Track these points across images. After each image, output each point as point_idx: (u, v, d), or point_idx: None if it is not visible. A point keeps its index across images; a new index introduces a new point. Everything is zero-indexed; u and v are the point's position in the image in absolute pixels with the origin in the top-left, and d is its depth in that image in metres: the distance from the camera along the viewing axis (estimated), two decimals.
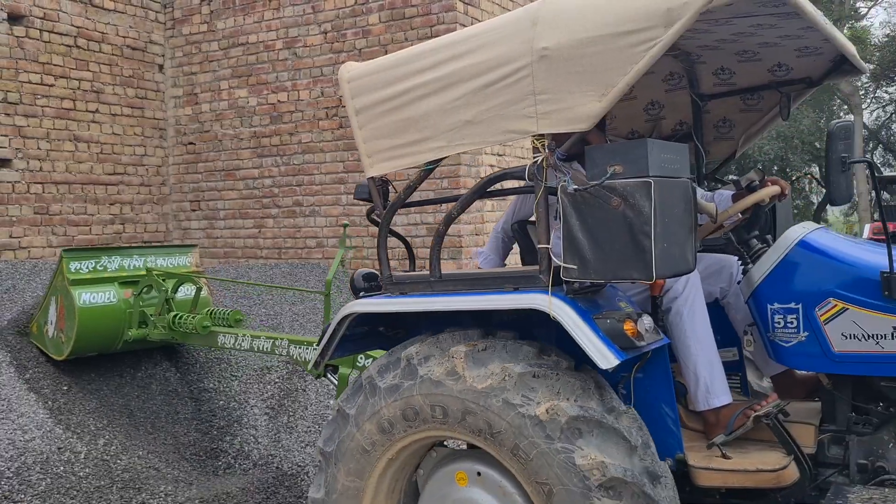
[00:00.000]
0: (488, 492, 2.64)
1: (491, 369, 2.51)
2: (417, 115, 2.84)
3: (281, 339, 4.45)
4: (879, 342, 2.60)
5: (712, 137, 3.79)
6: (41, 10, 7.64)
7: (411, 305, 2.83)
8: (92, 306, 4.95)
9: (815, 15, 2.62)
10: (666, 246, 2.37)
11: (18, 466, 4.06)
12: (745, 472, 2.61)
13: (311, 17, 7.99)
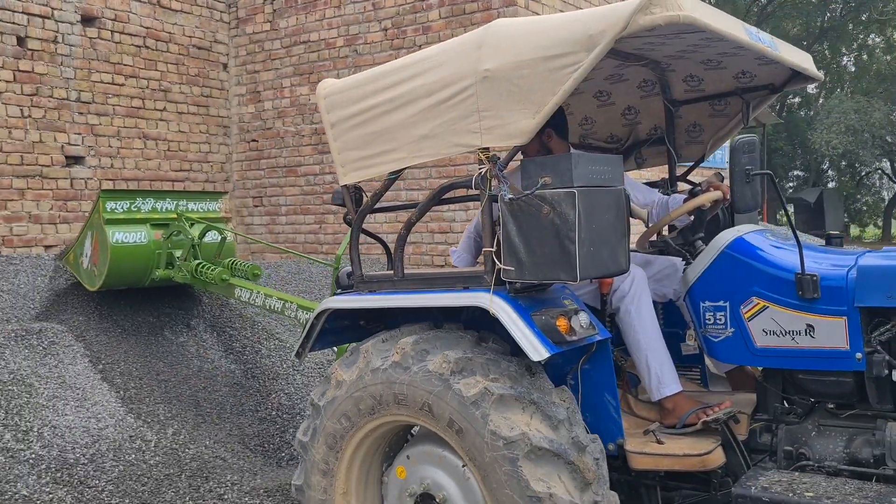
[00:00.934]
0: (426, 464, 2.92)
1: (432, 357, 2.77)
2: (382, 129, 3.11)
3: (291, 302, 4.76)
4: (795, 338, 2.83)
5: (684, 141, 3.99)
6: (112, 11, 7.87)
7: (374, 302, 3.13)
8: (123, 245, 5.31)
9: (738, 38, 2.81)
10: (592, 250, 2.62)
11: (93, 453, 4.20)
12: (673, 456, 2.84)
13: (371, 14, 8.05)
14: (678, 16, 2.47)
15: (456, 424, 2.68)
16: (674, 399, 3.11)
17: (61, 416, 4.36)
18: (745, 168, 2.68)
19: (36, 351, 4.83)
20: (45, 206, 7.27)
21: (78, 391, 4.63)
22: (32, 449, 4.08)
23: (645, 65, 3.56)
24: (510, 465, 2.56)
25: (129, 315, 5.82)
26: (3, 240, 6.97)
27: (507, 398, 2.62)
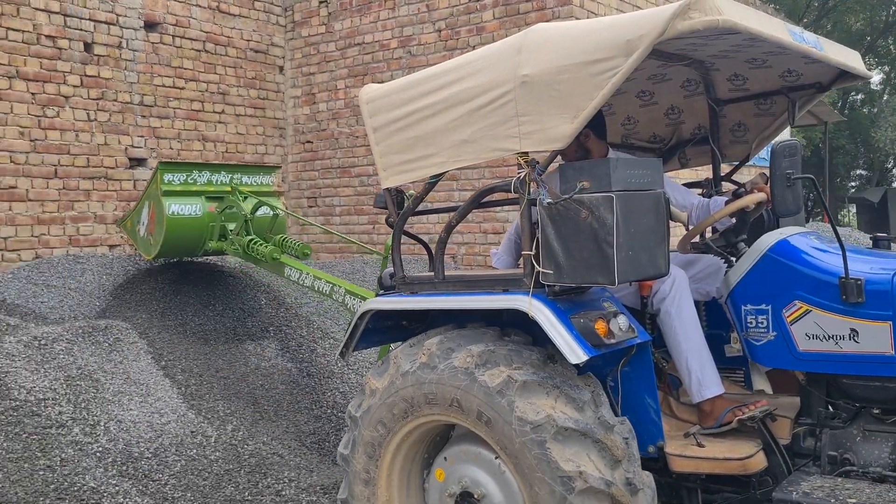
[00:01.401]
0: (463, 463, 2.94)
1: (457, 353, 2.82)
2: (423, 133, 3.14)
3: (339, 286, 4.82)
4: (838, 343, 2.79)
5: (728, 141, 3.95)
6: (174, 17, 8.08)
7: (415, 304, 3.18)
8: (179, 217, 5.50)
9: (780, 39, 2.77)
10: (631, 253, 2.64)
11: (156, 447, 4.31)
12: (714, 459, 2.84)
13: (425, 15, 8.08)
14: (717, 20, 2.45)
15: (484, 416, 2.72)
16: (712, 401, 3.09)
17: (126, 411, 4.49)
18: (787, 172, 2.68)
19: (102, 347, 4.99)
20: (109, 207, 7.50)
21: (142, 387, 4.76)
22: (99, 442, 4.21)
23: (688, 64, 3.53)
24: (539, 448, 2.58)
25: (190, 313, 5.97)
26: (71, 239, 7.21)
27: (531, 384, 2.67)
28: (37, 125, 6.99)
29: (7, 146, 6.77)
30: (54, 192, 7.10)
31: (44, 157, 7.02)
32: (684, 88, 3.87)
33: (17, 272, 6.40)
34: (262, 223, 5.67)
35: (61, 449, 4.07)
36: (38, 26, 6.99)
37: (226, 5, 8.59)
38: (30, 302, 5.98)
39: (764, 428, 2.93)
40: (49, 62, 7.07)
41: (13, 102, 6.82)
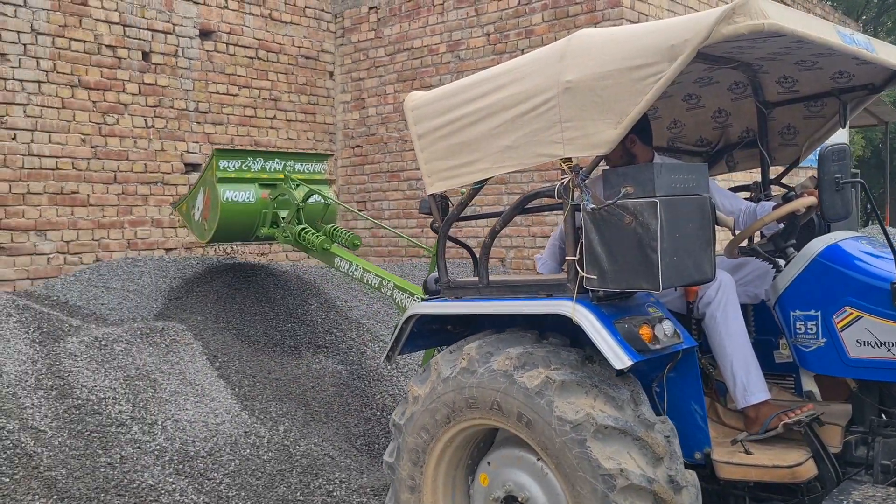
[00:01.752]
0: (506, 467, 2.96)
1: (496, 357, 2.85)
2: (467, 139, 3.16)
3: (388, 280, 4.86)
4: (891, 349, 2.75)
5: (777, 144, 3.87)
6: (228, 25, 8.26)
7: (459, 309, 3.22)
8: (233, 203, 5.64)
9: (829, 42, 2.72)
10: (675, 259, 2.62)
11: (211, 447, 4.41)
12: (762, 467, 2.79)
13: (474, 19, 8.10)
14: (762, 24, 2.41)
15: (524, 417, 2.73)
16: (758, 407, 3.05)
17: (182, 411, 4.60)
18: (835, 176, 2.66)
19: (159, 348, 5.12)
20: (165, 212, 7.70)
21: (197, 387, 4.87)
22: (157, 441, 4.32)
23: (735, 67, 3.48)
24: (579, 447, 2.59)
25: (242, 316, 6.08)
26: (129, 243, 7.42)
27: (569, 384, 2.67)
28: (98, 132, 7.21)
29: (70, 153, 7.00)
30: (114, 197, 7.32)
31: (104, 163, 7.24)
32: (732, 91, 3.83)
33: (79, 275, 6.61)
34: (314, 211, 5.79)
35: (121, 447, 4.19)
36: (99, 36, 7.21)
37: (277, 13, 8.74)
38: (91, 304, 6.17)
39: (812, 434, 2.88)
40: (109, 71, 7.29)
41: (75, 110, 7.05)
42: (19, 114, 6.70)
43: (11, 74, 6.64)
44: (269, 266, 7.17)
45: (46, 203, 6.84)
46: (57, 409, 4.28)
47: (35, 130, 6.79)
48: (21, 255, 6.67)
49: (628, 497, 2.54)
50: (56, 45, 6.91)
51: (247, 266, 6.92)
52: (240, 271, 6.71)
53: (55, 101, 6.92)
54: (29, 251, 6.72)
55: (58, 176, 6.93)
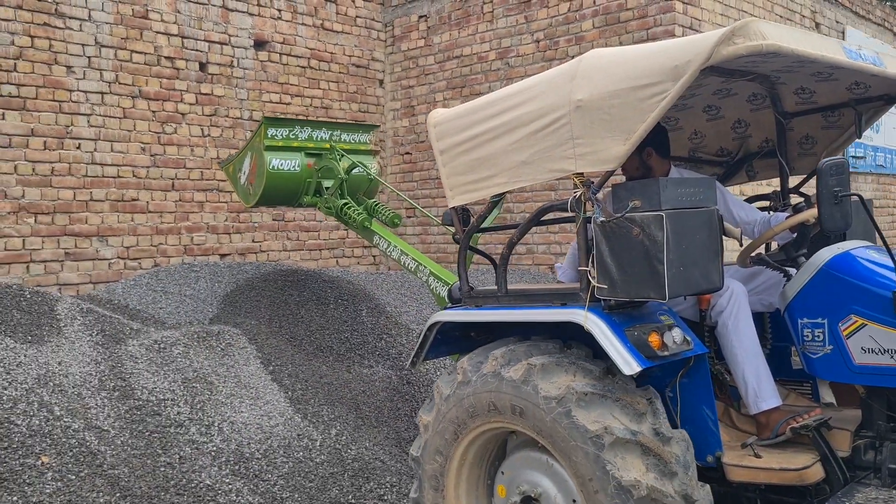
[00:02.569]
0: (518, 469, 3.10)
1: (519, 365, 2.96)
2: (486, 155, 3.31)
3: (425, 266, 4.93)
4: (894, 356, 2.84)
5: (796, 153, 3.95)
6: (281, 35, 8.43)
7: (479, 317, 3.37)
8: (279, 171, 5.78)
9: (833, 59, 2.82)
10: (682, 269, 2.74)
11: (266, 449, 4.50)
12: (770, 469, 2.88)
13: (523, 27, 8.12)
14: (761, 45, 2.53)
15: (545, 426, 2.85)
16: (769, 413, 3.13)
17: (238, 413, 4.71)
18: (834, 189, 2.76)
19: (215, 351, 5.25)
20: (220, 218, 7.89)
21: (252, 390, 4.98)
22: (214, 442, 4.43)
23: (752, 79, 3.54)
24: (596, 454, 2.70)
25: (295, 321, 6.19)
26: (186, 248, 7.62)
27: (587, 394, 2.79)
28: (157, 141, 7.43)
29: (130, 161, 7.23)
30: (171, 204, 7.52)
31: (162, 171, 7.46)
32: (750, 102, 3.89)
33: (139, 279, 6.82)
34: (358, 182, 5.90)
35: (179, 447, 4.31)
36: (159, 48, 7.44)
37: (329, 23, 8.89)
38: (149, 307, 6.36)
39: (820, 438, 2.97)
40: (168, 81, 7.52)
41: (136, 120, 7.29)
42: (83, 124, 6.95)
43: (76, 86, 6.90)
44: (319, 272, 7.29)
45: (108, 210, 7.08)
46: (119, 409, 4.42)
47: (98, 140, 7.04)
48: (84, 260, 6.91)
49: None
50: (118, 57, 7.16)
51: (298, 272, 7.05)
52: (291, 277, 6.84)
53: (117, 111, 7.16)
54: (91, 256, 6.96)
55: (119, 183, 7.16)
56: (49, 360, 4.56)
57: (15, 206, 6.52)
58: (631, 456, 2.68)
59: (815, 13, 9.09)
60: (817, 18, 9.15)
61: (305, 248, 8.63)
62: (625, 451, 2.68)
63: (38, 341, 4.74)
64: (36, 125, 6.67)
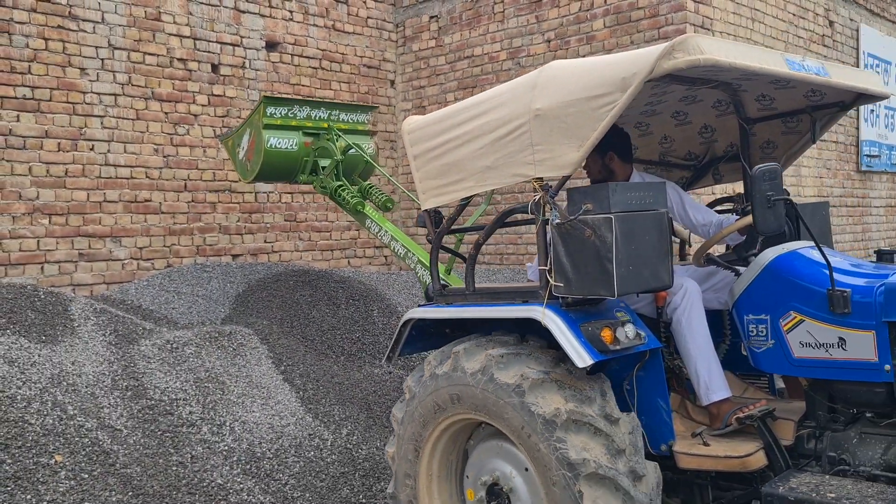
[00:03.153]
0: (480, 463, 3.29)
1: (478, 357, 3.15)
2: (455, 160, 3.49)
3: (413, 253, 5.07)
4: (828, 350, 3.04)
5: (758, 158, 4.10)
6: (292, 36, 8.46)
7: (448, 314, 3.54)
8: (276, 150, 5.89)
9: (774, 71, 3.02)
10: (632, 268, 2.92)
11: (277, 448, 4.52)
12: (716, 457, 3.09)
13: (534, 26, 8.11)
14: (699, 59, 2.71)
15: (503, 413, 3.04)
16: (719, 404, 3.33)
17: (249, 413, 4.73)
18: (767, 194, 2.89)
19: (227, 351, 5.27)
20: (232, 218, 7.92)
21: (263, 390, 5.00)
22: (225, 441, 4.45)
23: (715, 87, 3.67)
24: (548, 433, 2.88)
25: (306, 321, 6.22)
26: (198, 249, 7.66)
27: (539, 380, 2.96)
28: (169, 142, 7.48)
29: (143, 162, 7.28)
30: (184, 205, 7.56)
31: (175, 171, 7.50)
32: (716, 108, 4.04)
33: (151, 280, 6.86)
34: (354, 162, 6.00)
35: (191, 447, 4.33)
36: (171, 50, 7.48)
37: (340, 24, 8.92)
38: (162, 308, 6.39)
39: (764, 428, 3.16)
40: (180, 83, 7.56)
41: (149, 122, 7.33)
42: (97, 125, 7.00)
43: (90, 88, 6.95)
44: (331, 272, 7.31)
45: (121, 211, 7.13)
46: (132, 408, 4.45)
47: (111, 141, 7.09)
48: (98, 260, 6.96)
49: (593, 484, 2.81)
50: (131, 59, 7.20)
51: (310, 272, 7.07)
52: (303, 277, 6.86)
53: (130, 112, 7.21)
54: (105, 257, 7.01)
55: (132, 185, 7.21)
56: (63, 360, 4.60)
57: (29, 208, 6.58)
58: (581, 436, 2.86)
59: (828, 11, 9.02)
60: (831, 17, 9.08)
61: (317, 249, 8.65)
62: (575, 431, 2.86)
63: (52, 341, 4.78)
64: (50, 127, 6.73)
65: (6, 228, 6.44)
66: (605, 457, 2.85)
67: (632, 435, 2.95)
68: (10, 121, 6.49)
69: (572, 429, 2.86)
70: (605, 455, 2.85)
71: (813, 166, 8.79)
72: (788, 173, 8.27)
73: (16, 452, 3.79)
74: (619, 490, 2.81)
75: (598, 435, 2.88)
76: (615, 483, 2.80)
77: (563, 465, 2.82)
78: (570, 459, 2.81)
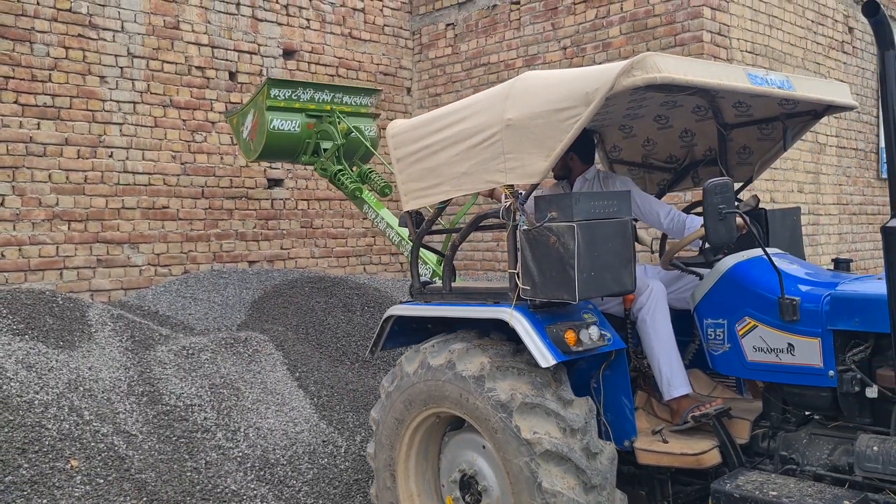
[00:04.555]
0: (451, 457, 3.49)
1: (443, 353, 3.33)
2: (433, 165, 3.61)
3: (407, 244, 5.18)
4: (778, 355, 3.20)
5: (735, 162, 4.25)
6: (309, 44, 8.51)
7: (425, 312, 3.69)
8: (279, 131, 6.00)
9: (733, 86, 3.13)
10: (593, 273, 3.05)
11: (290, 455, 4.52)
12: (673, 454, 3.24)
13: (550, 34, 8.10)
14: (655, 77, 2.83)
15: (466, 402, 3.22)
16: (679, 401, 3.47)
17: (263, 419, 4.74)
18: (718, 207, 3.00)
19: (242, 357, 5.29)
20: (249, 225, 7.96)
21: (278, 396, 5.01)
22: (240, 448, 4.46)
23: (693, 94, 3.75)
24: (505, 422, 3.07)
25: (321, 327, 6.23)
26: (215, 255, 7.71)
27: (496, 368, 3.16)
28: (187, 149, 7.54)
29: (161, 169, 7.34)
30: (201, 212, 7.62)
31: (192, 178, 7.56)
32: (695, 114, 4.15)
33: (168, 286, 6.91)
34: (355, 144, 6.08)
35: (206, 452, 4.35)
36: (190, 58, 7.55)
37: (357, 32, 8.96)
38: (179, 314, 6.43)
39: (719, 426, 3.29)
40: (198, 91, 7.62)
41: (167, 129, 7.40)
42: (116, 133, 7.07)
43: (109, 96, 7.03)
44: (346, 279, 7.32)
45: (139, 217, 7.19)
46: (147, 414, 4.48)
47: (130, 148, 7.15)
48: (115, 266, 7.02)
49: (548, 461, 2.98)
50: (150, 67, 7.27)
51: (325, 279, 7.08)
52: (318, 284, 6.87)
53: (148, 120, 7.28)
54: (123, 263, 7.07)
55: (150, 191, 7.27)
56: (80, 365, 4.63)
57: (49, 214, 6.65)
58: (536, 418, 3.02)
59: (847, 17, 8.95)
60: (850, 23, 9.00)
61: (333, 255, 8.67)
62: (531, 414, 3.02)
63: (69, 346, 4.82)
64: (70, 134, 6.80)
65: (26, 234, 6.52)
66: (560, 435, 3.01)
67: (585, 415, 3.10)
68: (30, 128, 6.58)
69: (527, 411, 3.03)
70: (559, 434, 3.01)
71: (832, 174, 8.70)
72: (807, 181, 8.19)
73: (32, 457, 3.82)
74: (574, 466, 2.98)
75: (551, 415, 3.04)
76: (569, 459, 2.98)
77: (521, 445, 3.00)
78: (527, 440, 2.98)
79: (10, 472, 3.70)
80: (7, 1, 6.43)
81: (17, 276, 6.45)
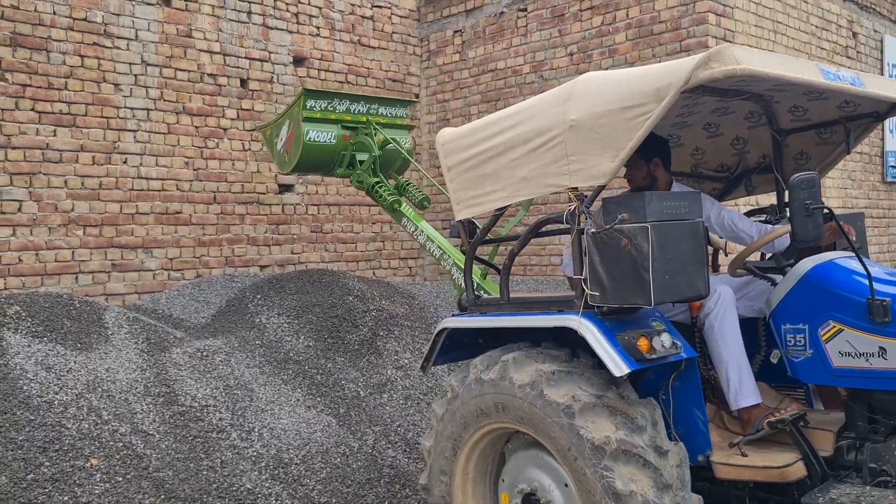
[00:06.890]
0: (517, 471, 3.30)
1: (527, 370, 3.11)
2: (489, 171, 3.51)
3: (449, 256, 5.04)
4: (868, 359, 3.02)
5: (792, 169, 4.06)
6: (319, 52, 8.63)
7: (482, 323, 3.55)
8: (315, 143, 5.94)
9: (810, 82, 2.99)
10: (668, 277, 2.91)
11: (304, 455, 4.61)
12: (755, 467, 3.06)
13: (557, 40, 8.20)
14: (735, 69, 2.68)
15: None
16: (749, 410, 3.32)
17: (277, 420, 4.83)
18: (805, 203, 2.90)
19: (255, 359, 5.38)
20: (260, 230, 8.07)
21: (291, 397, 5.10)
22: (254, 447, 4.55)
23: (747, 98, 3.68)
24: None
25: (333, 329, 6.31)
26: (227, 260, 7.81)
27: (591, 405, 2.94)
28: (199, 155, 7.65)
29: (174, 175, 7.46)
30: (213, 217, 7.73)
31: (205, 184, 7.67)
32: (748, 120, 4.03)
33: (182, 289, 7.01)
34: (391, 156, 6.02)
35: (221, 452, 4.44)
36: (202, 66, 7.67)
37: (366, 39, 9.07)
38: (192, 317, 6.54)
39: (801, 437, 3.14)
40: (210, 98, 7.74)
41: (180, 135, 7.51)
42: (130, 139, 7.19)
43: (123, 103, 7.15)
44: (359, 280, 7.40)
45: (153, 222, 7.30)
46: (164, 414, 4.58)
47: (143, 155, 7.27)
48: (130, 271, 7.13)
49: None
50: (163, 74, 7.39)
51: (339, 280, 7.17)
52: (332, 286, 6.96)
53: (162, 126, 7.39)
54: (137, 268, 7.18)
55: (163, 197, 7.38)
56: (97, 367, 4.74)
57: (65, 219, 6.77)
58: (629, 466, 2.83)
59: (851, 23, 9.01)
60: (854, 28, 9.07)
61: (343, 259, 8.77)
62: (624, 462, 2.83)
63: (87, 348, 4.93)
64: (85, 141, 6.93)
65: (43, 239, 6.63)
66: (653, 490, 2.81)
67: (679, 468, 2.92)
68: (47, 135, 6.70)
69: (621, 458, 2.84)
70: (652, 489, 2.81)
71: (837, 177, 8.76)
72: None
73: (53, 455, 3.92)
74: (645, 463, 2.82)
75: (647, 467, 2.84)
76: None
77: (608, 493, 2.81)
78: (616, 489, 2.79)
79: (32, 471, 3.80)
80: (25, 11, 6.56)
81: (34, 280, 6.57)
